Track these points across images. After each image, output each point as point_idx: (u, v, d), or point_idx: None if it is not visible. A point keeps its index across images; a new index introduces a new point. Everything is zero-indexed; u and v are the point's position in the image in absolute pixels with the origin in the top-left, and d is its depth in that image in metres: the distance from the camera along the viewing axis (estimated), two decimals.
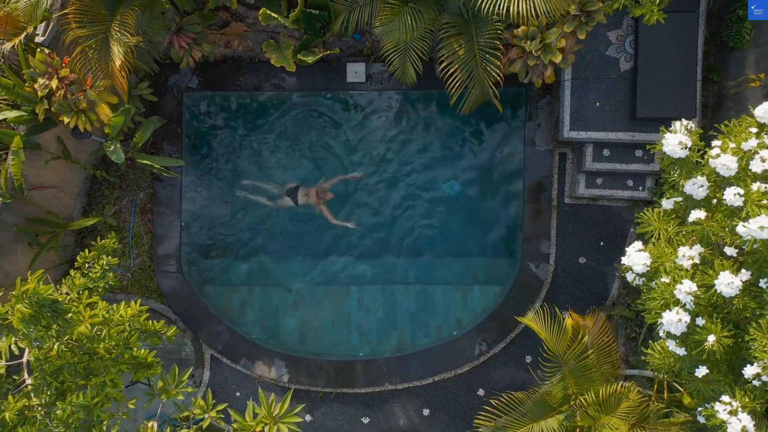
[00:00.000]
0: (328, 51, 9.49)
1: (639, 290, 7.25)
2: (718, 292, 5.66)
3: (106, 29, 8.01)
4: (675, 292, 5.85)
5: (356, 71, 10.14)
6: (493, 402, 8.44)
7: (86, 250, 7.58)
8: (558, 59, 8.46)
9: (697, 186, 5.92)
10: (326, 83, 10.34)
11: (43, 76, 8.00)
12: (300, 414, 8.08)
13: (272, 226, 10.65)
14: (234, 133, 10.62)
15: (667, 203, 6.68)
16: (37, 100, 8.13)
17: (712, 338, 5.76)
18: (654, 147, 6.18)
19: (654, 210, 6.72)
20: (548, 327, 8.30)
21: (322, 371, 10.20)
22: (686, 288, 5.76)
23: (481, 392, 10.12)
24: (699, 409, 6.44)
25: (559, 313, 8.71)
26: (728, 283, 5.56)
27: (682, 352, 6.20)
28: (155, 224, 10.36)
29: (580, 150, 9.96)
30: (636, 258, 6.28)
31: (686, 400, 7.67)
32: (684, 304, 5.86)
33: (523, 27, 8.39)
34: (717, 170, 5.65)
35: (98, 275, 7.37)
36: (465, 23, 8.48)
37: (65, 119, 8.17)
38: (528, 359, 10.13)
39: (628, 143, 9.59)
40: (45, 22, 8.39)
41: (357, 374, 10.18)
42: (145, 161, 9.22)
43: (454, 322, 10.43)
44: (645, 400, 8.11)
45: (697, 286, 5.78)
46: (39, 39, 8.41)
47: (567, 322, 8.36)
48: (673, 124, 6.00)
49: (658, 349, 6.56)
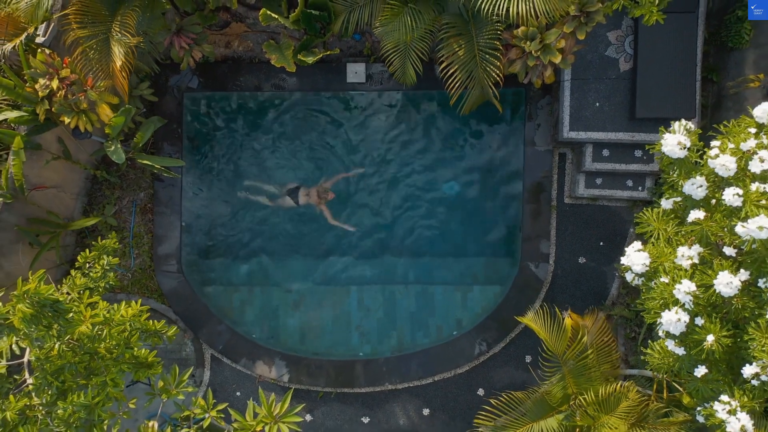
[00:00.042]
0: (329, 51, 9.51)
1: (638, 290, 7.27)
2: (717, 292, 5.67)
3: (107, 30, 8.02)
4: (674, 292, 5.87)
5: (356, 71, 10.15)
6: (493, 401, 8.47)
7: (87, 250, 7.59)
8: (557, 60, 8.48)
9: (696, 186, 5.93)
10: (326, 83, 10.36)
11: (44, 77, 8.01)
12: (300, 414, 8.10)
13: (273, 227, 10.66)
14: (234, 134, 10.64)
15: (666, 203, 6.69)
16: (38, 101, 8.14)
17: (711, 338, 5.77)
18: (653, 147, 6.19)
19: (653, 210, 6.73)
20: (548, 327, 8.32)
21: (322, 371, 10.22)
22: (685, 288, 5.78)
23: (481, 392, 10.14)
24: (698, 409, 6.45)
25: (559, 313, 8.72)
26: (727, 283, 5.57)
27: (681, 352, 6.21)
28: (156, 224, 10.37)
29: (580, 150, 9.97)
30: (635, 258, 6.30)
31: (685, 400, 7.69)
32: (683, 304, 5.88)
33: (523, 27, 8.41)
34: (716, 170, 5.66)
35: (99, 275, 7.39)
36: (465, 24, 8.49)
37: (66, 119, 8.18)
38: (528, 359, 10.14)
39: (628, 143, 9.60)
40: (46, 23, 8.38)
41: (357, 374, 10.19)
42: (146, 161, 9.24)
43: (454, 322, 10.44)
44: (644, 400, 8.13)
45: (696, 286, 5.80)
46: (40, 39, 8.41)
47: (566, 322, 8.38)
48: (673, 125, 6.02)
49: (658, 349, 6.57)
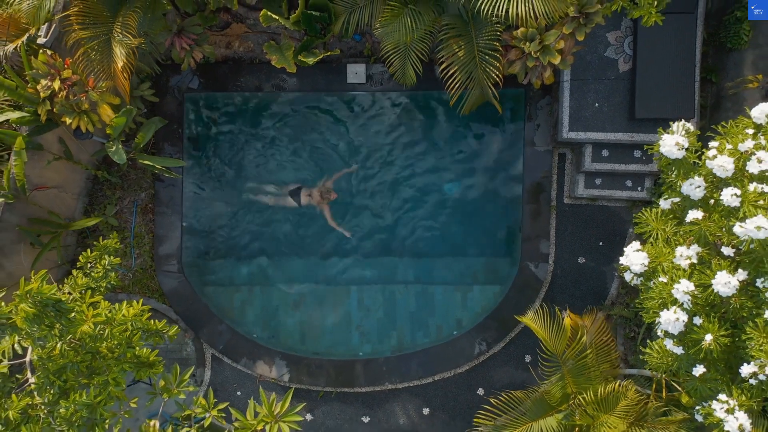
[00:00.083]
0: (329, 52, 9.53)
1: (637, 290, 7.29)
2: (716, 292, 5.71)
3: (109, 31, 8.05)
4: (673, 292, 5.90)
5: (356, 72, 10.18)
6: (493, 401, 8.49)
7: (88, 250, 7.63)
8: (557, 60, 8.50)
9: (695, 186, 5.96)
10: (327, 84, 10.38)
11: (46, 78, 8.04)
12: (301, 413, 8.10)
13: (273, 227, 10.69)
14: (235, 134, 10.66)
15: (665, 203, 6.72)
16: (40, 101, 8.17)
17: (710, 337, 5.80)
18: (652, 148, 6.21)
19: (652, 210, 6.76)
20: (547, 327, 8.34)
21: (323, 371, 10.24)
22: (684, 287, 5.81)
23: (481, 391, 10.17)
24: (697, 408, 6.47)
25: (558, 313, 8.74)
26: (725, 283, 5.60)
27: (680, 351, 6.25)
28: (156, 224, 10.40)
29: (579, 150, 10.00)
30: (634, 258, 6.33)
31: (684, 399, 7.71)
32: (681, 304, 5.91)
33: (522, 29, 8.44)
34: (714, 171, 5.69)
35: (100, 275, 7.43)
36: (464, 25, 8.52)
37: (67, 120, 8.21)
38: (527, 358, 10.17)
39: (627, 144, 9.63)
40: (47, 24, 8.42)
41: (357, 374, 10.22)
42: (147, 162, 9.27)
43: (454, 322, 10.47)
44: (643, 399, 8.15)
45: (695, 286, 5.83)
46: (41, 40, 8.45)
47: (566, 322, 8.40)
48: (672, 125, 6.04)
49: (656, 349, 6.61)
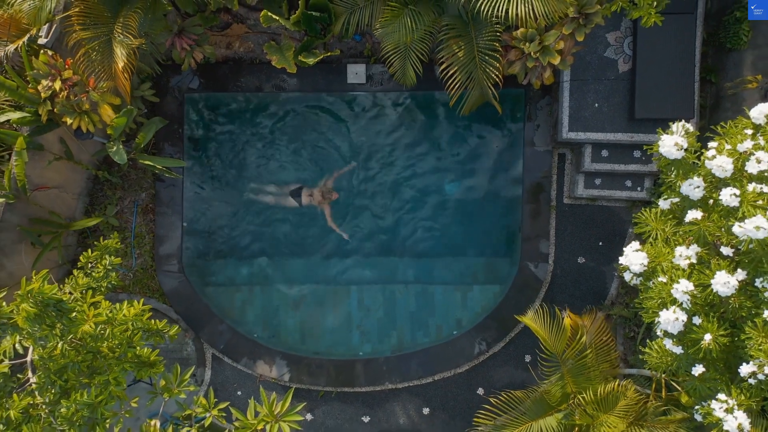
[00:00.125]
0: (329, 52, 9.55)
1: (637, 290, 7.31)
2: (715, 292, 5.72)
3: (109, 31, 8.07)
4: (672, 292, 5.92)
5: (356, 72, 10.20)
6: (493, 401, 8.52)
7: (89, 250, 7.65)
8: (556, 61, 8.52)
9: (694, 187, 5.97)
10: (327, 84, 10.40)
11: (47, 78, 8.06)
12: (301, 413, 8.12)
13: (274, 227, 10.70)
14: (235, 134, 10.68)
15: (664, 204, 6.74)
16: (41, 102, 8.19)
17: (709, 337, 5.82)
18: (651, 148, 6.23)
19: (651, 210, 6.77)
20: (547, 326, 8.36)
21: (323, 370, 10.26)
22: (683, 287, 5.83)
23: (481, 391, 10.18)
24: (696, 407, 6.48)
25: (558, 313, 8.76)
26: (724, 283, 5.62)
27: (679, 351, 6.26)
28: (157, 224, 10.42)
29: (579, 151, 10.01)
30: (633, 258, 6.35)
31: (683, 399, 7.73)
32: (681, 303, 5.93)
33: (522, 29, 8.45)
34: (713, 171, 5.71)
35: (101, 275, 7.44)
36: (464, 25, 8.53)
37: (68, 120, 8.23)
38: (527, 358, 10.18)
39: (627, 144, 9.64)
40: (48, 24, 8.43)
41: (357, 373, 10.24)
42: (147, 162, 9.29)
43: (454, 322, 10.49)
44: (643, 399, 8.17)
45: (694, 286, 5.84)
46: (42, 41, 8.46)
47: (566, 322, 8.41)
48: (671, 125, 6.05)
49: (656, 348, 6.62)
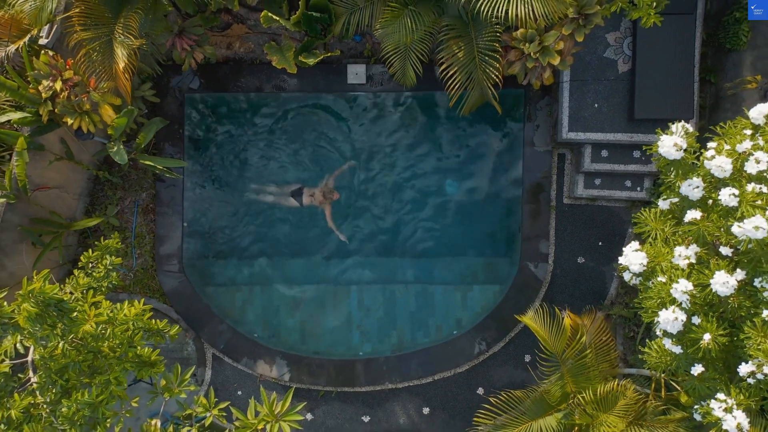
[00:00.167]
0: (329, 53, 9.56)
1: (637, 290, 7.33)
2: (714, 291, 5.75)
3: (110, 32, 8.09)
4: (671, 291, 5.94)
5: (357, 73, 10.21)
6: (493, 400, 8.52)
7: (89, 250, 7.66)
8: (556, 61, 8.53)
9: (693, 187, 5.99)
10: (327, 85, 10.42)
11: (47, 78, 8.07)
12: (301, 412, 8.14)
13: (274, 227, 10.71)
14: (235, 135, 10.69)
15: (664, 204, 6.75)
16: (41, 102, 8.20)
17: (708, 337, 5.84)
18: (651, 148, 6.25)
19: (651, 210, 6.79)
20: (547, 326, 8.37)
21: (323, 370, 10.28)
22: (682, 287, 5.85)
23: (481, 391, 10.20)
24: (695, 407, 6.50)
25: (558, 313, 8.77)
26: (723, 283, 5.64)
27: (679, 351, 6.28)
28: (157, 224, 10.43)
29: (579, 151, 10.03)
30: (633, 258, 6.37)
31: (683, 398, 7.74)
32: (680, 303, 5.94)
33: (522, 29, 8.47)
34: (712, 172, 5.73)
35: (102, 275, 7.45)
36: (464, 26, 8.55)
37: (69, 120, 8.24)
38: (527, 358, 10.20)
39: (626, 144, 9.66)
40: (49, 25, 8.44)
41: (357, 373, 10.25)
42: (148, 162, 9.31)
43: (454, 322, 10.50)
44: (642, 398, 8.18)
45: (693, 286, 5.86)
46: (43, 41, 8.47)
47: (565, 322, 8.42)
48: (671, 126, 6.07)
49: (655, 348, 6.63)
